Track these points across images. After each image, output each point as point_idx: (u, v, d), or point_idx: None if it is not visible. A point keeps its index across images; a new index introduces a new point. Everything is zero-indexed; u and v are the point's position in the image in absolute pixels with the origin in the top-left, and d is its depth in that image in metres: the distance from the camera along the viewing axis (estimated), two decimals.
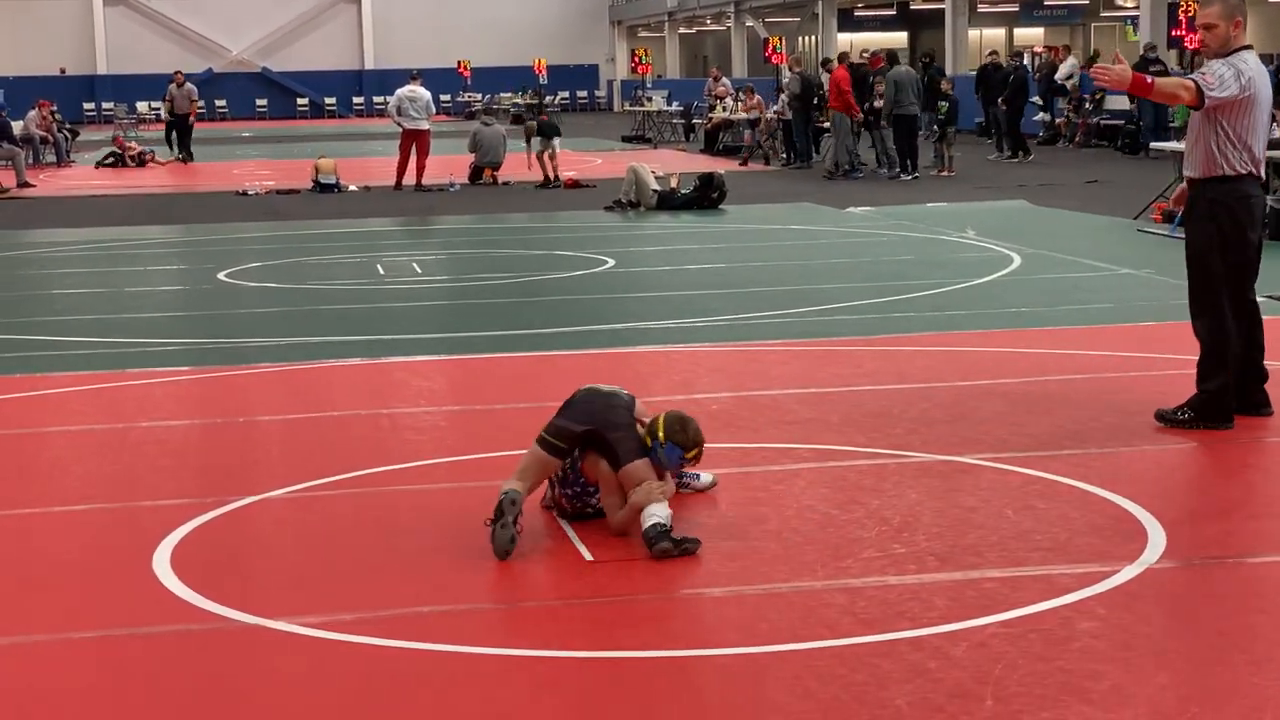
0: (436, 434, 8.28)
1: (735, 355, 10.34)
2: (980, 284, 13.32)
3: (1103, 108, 31.50)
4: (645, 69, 48.72)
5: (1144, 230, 16.88)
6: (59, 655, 5.11)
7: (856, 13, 55.51)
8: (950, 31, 41.69)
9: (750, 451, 7.63)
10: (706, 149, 33.81)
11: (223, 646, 5.17)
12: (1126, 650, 4.91)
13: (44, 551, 6.28)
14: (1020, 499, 6.65)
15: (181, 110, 34.24)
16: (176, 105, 34.19)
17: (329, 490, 7.08)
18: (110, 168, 32.50)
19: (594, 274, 14.81)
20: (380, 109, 63.56)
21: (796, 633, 5.12)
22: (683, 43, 66.22)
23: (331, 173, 25.90)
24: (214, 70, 65.44)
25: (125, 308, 13.33)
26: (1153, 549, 5.92)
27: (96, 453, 7.96)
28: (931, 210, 20.06)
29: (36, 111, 34.53)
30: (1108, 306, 11.92)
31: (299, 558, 6.11)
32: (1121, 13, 49.58)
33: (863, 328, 11.18)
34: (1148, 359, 9.71)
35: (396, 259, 16.50)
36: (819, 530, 6.25)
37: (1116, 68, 7.63)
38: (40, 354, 10.91)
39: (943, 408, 8.45)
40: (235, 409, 9.07)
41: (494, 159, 26.50)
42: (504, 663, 4.97)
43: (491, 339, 11.26)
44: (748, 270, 14.91)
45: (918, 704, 4.52)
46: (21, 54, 62.89)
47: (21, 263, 17.27)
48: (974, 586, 5.53)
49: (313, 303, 13.40)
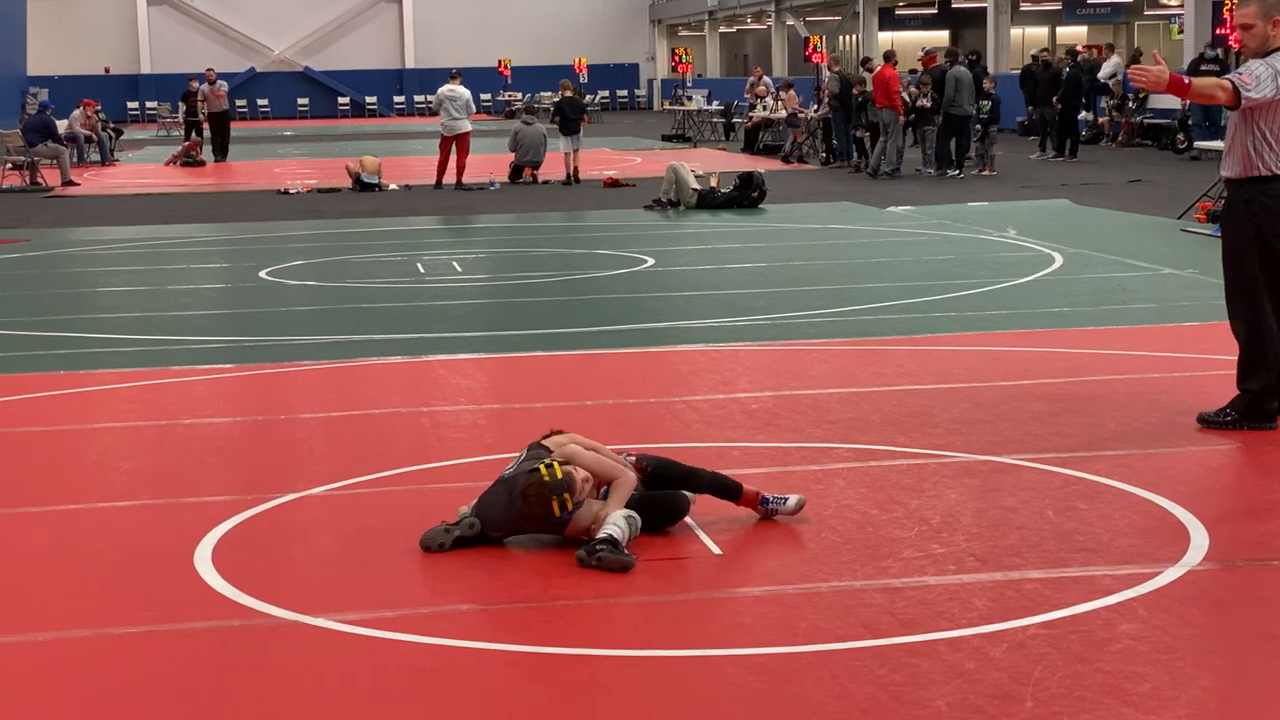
0: (476, 432, 8.30)
1: (775, 354, 10.33)
2: (1022, 284, 13.27)
3: (1146, 106, 31.31)
4: (685, 68, 48.71)
5: (1187, 230, 16.78)
6: (101, 650, 5.14)
7: (898, 11, 55.31)
8: (992, 30, 41.52)
9: (790, 451, 7.62)
10: (746, 148, 33.78)
11: (263, 642, 5.19)
12: (1168, 652, 4.88)
13: (87, 547, 6.32)
14: (1061, 500, 6.62)
15: (217, 108, 34.15)
16: (211, 104, 34.05)
17: (369, 488, 7.11)
18: (185, 166, 32.58)
19: (634, 273, 14.82)
20: (421, 108, 63.82)
21: (835, 632, 5.12)
22: (723, 42, 66.17)
23: (375, 172, 25.99)
24: (256, 69, 65.78)
25: (168, 305, 13.40)
26: (1195, 550, 5.89)
27: (140, 449, 8.01)
28: (973, 209, 19.99)
29: (81, 110, 34.67)
30: (1150, 307, 11.86)
31: (339, 555, 6.13)
32: (1165, 11, 49.30)
33: (904, 327, 11.15)
34: (1190, 359, 9.65)
35: (437, 257, 16.54)
36: (858, 530, 6.24)
37: (1154, 68, 7.59)
38: (84, 351, 10.99)
39: (984, 408, 8.42)
40: (277, 406, 9.11)
41: (534, 158, 26.55)
42: (544, 661, 4.98)
43: (531, 337, 11.27)
44: (788, 269, 14.89)
45: (957, 705, 4.50)
46: (66, 54, 63.41)
47: (66, 260, 17.39)
48: (1014, 587, 5.51)
49: (354, 301, 13.45)
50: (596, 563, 5.78)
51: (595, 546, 5.82)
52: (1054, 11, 52.18)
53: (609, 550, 5.79)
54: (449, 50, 63.48)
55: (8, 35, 55.90)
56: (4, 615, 5.50)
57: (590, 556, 5.79)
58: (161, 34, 65.79)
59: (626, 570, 5.75)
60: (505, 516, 6.13)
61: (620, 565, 5.76)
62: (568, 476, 6.05)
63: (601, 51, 66.08)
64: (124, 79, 64.67)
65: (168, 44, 65.52)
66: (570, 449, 6.26)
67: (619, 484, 6.15)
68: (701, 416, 8.45)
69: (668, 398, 9.00)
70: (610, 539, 5.83)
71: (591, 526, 6.00)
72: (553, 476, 6.04)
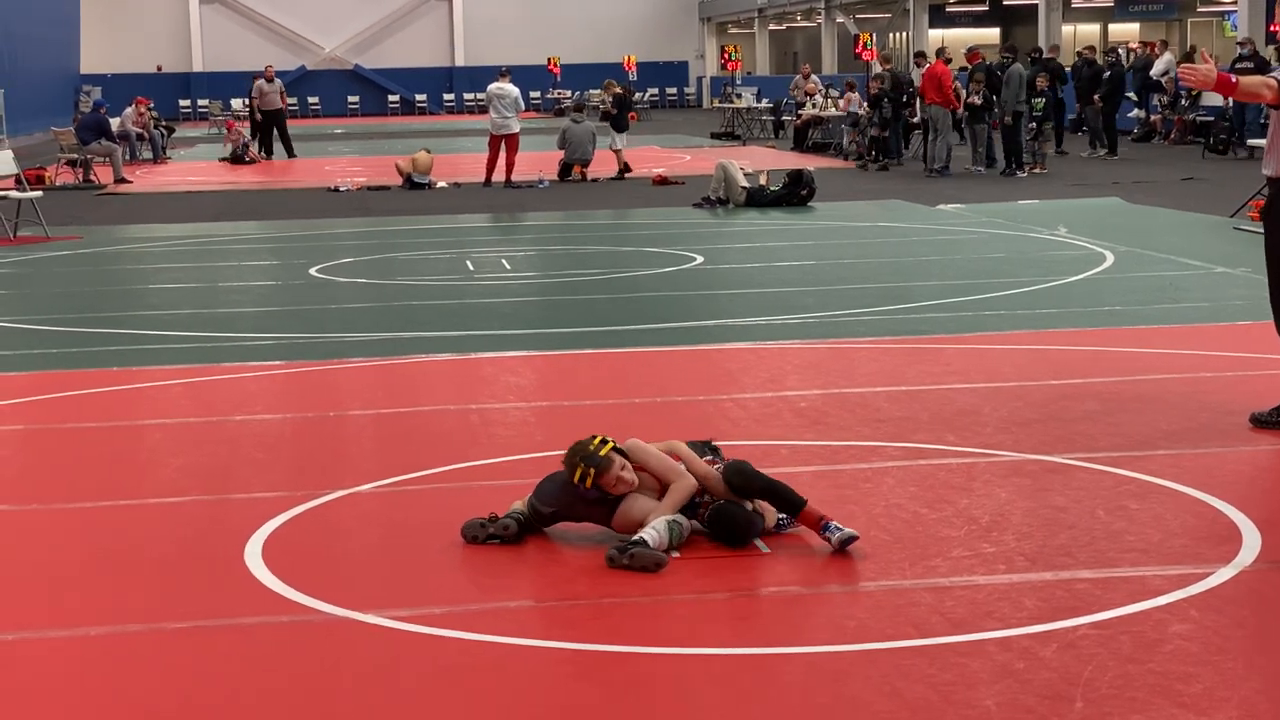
0: (525, 429, 8.31)
1: (824, 352, 10.31)
2: (1073, 282, 13.19)
3: (1199, 104, 31.07)
4: (735, 65, 48.67)
5: (1240, 228, 16.64)
6: (152, 644, 5.18)
7: (948, 8, 55.11)
8: (1044, 27, 41.28)
9: (839, 449, 7.60)
10: (796, 146, 33.71)
11: (312, 638, 5.22)
12: (1220, 653, 4.84)
13: (139, 542, 6.37)
14: (1112, 499, 6.58)
15: (272, 106, 34.42)
16: (266, 100, 34.25)
17: (418, 485, 7.13)
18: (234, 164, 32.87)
19: (683, 270, 14.81)
20: (470, 106, 64.01)
21: (884, 632, 5.10)
22: (772, 39, 66.05)
23: (427, 170, 26.07)
24: (307, 67, 66.08)
25: (219, 302, 13.49)
26: (1247, 551, 5.84)
27: (191, 446, 8.06)
28: (1023, 208, 19.89)
29: (134, 109, 34.92)
30: (1203, 305, 11.77)
31: (388, 551, 6.16)
32: (1218, 7, 48.91)
33: (953, 325, 11.10)
34: (1243, 359, 9.57)
35: (486, 255, 16.58)
36: (907, 529, 6.22)
37: (1202, 67, 7.54)
38: (136, 348, 11.07)
39: (1034, 407, 8.38)
40: (326, 403, 9.16)
41: (583, 156, 26.57)
42: (593, 658, 4.98)
43: (580, 335, 11.29)
44: (837, 267, 14.86)
45: (1006, 705, 4.48)
46: (119, 52, 63.90)
47: (118, 258, 17.53)
48: (1064, 587, 5.48)
49: (403, 298, 13.50)
50: (628, 561, 5.76)
51: (628, 545, 5.82)
52: (1106, 9, 51.89)
53: (642, 548, 5.79)
54: (499, 48, 63.58)
55: (62, 35, 56.40)
56: (57, 611, 5.55)
57: (622, 555, 5.79)
58: (213, 32, 66.20)
59: (659, 568, 5.73)
60: (553, 486, 6.19)
61: (653, 563, 5.75)
62: (606, 458, 6.07)
63: (651, 49, 66.06)
64: (176, 77, 65.10)
65: (219, 42, 65.93)
66: (635, 441, 6.29)
67: (674, 488, 6.14)
68: (750, 414, 8.45)
69: (716, 395, 8.99)
70: (642, 541, 5.83)
71: (642, 523, 6.01)
72: (593, 449, 6.08)
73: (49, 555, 6.23)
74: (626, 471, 6.12)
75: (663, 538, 5.88)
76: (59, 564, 6.10)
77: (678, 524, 5.98)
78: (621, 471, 6.10)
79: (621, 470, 6.10)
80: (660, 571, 5.72)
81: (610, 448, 6.13)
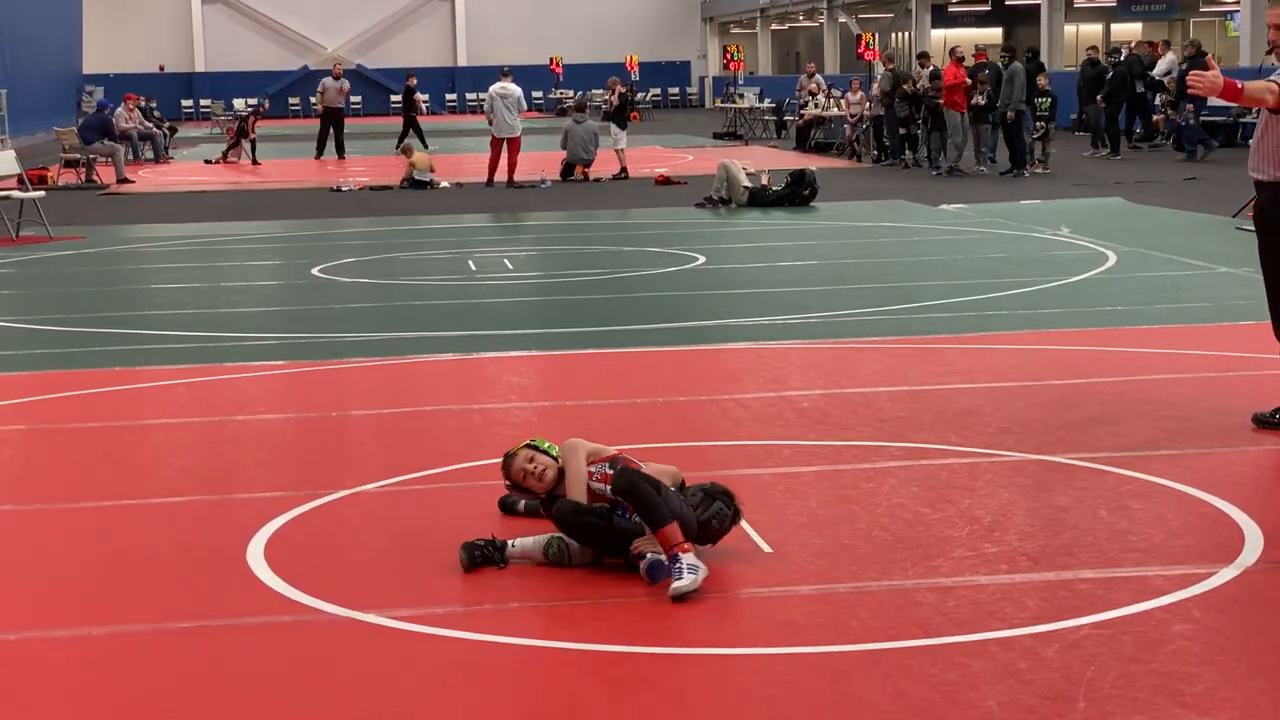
0: (528, 429, 8.29)
1: (827, 352, 10.31)
2: (1075, 282, 13.19)
3: (1204, 105, 30.96)
4: (737, 65, 48.62)
5: (1242, 228, 16.60)
6: (154, 644, 5.18)
7: (950, 8, 55.09)
8: (1046, 27, 41.30)
9: (841, 449, 7.60)
10: (798, 145, 33.70)
11: (315, 638, 5.22)
12: (1222, 654, 4.84)
13: (141, 542, 6.37)
14: (1115, 499, 6.58)
15: (334, 104, 33.80)
16: (327, 98, 33.70)
17: (421, 485, 7.13)
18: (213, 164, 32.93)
19: (685, 270, 14.81)
20: (473, 106, 64.00)
21: (887, 632, 5.10)
22: (775, 39, 66.06)
23: (427, 169, 26.08)
24: (309, 67, 66.06)
25: (221, 302, 13.49)
26: (1250, 551, 5.84)
27: (193, 446, 8.06)
28: (1025, 208, 19.88)
29: (123, 107, 34.13)
30: (1205, 305, 11.77)
31: (390, 551, 6.15)
32: (1221, 8, 48.91)
33: (955, 325, 11.10)
34: (1245, 359, 9.57)
35: (488, 255, 16.58)
36: (910, 529, 6.22)
37: (1209, 74, 7.55)
38: (138, 348, 11.07)
39: (1036, 407, 8.38)
40: (329, 403, 9.16)
41: (585, 156, 26.58)
42: (595, 658, 4.98)
43: (582, 335, 11.29)
44: (839, 267, 14.86)
45: (1009, 705, 4.48)
46: (122, 52, 63.96)
47: (120, 258, 17.53)
48: (1066, 587, 5.48)
49: (405, 298, 13.50)
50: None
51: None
52: (1108, 8, 51.87)
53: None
54: (501, 48, 63.61)
55: (64, 34, 56.42)
56: (59, 610, 5.55)
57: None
58: (216, 32, 66.26)
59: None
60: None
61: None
62: (508, 455, 6.04)
63: (653, 49, 66.08)
64: (178, 77, 65.15)
65: (222, 42, 65.99)
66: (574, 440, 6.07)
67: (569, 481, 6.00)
68: (752, 414, 8.45)
69: (718, 395, 8.99)
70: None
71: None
72: (512, 449, 6.06)
73: (51, 555, 6.23)
74: (532, 465, 5.96)
75: (529, 550, 5.85)
76: (61, 564, 6.10)
77: (559, 539, 5.85)
78: (527, 465, 5.97)
79: (527, 464, 5.96)
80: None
81: (523, 445, 6.05)
